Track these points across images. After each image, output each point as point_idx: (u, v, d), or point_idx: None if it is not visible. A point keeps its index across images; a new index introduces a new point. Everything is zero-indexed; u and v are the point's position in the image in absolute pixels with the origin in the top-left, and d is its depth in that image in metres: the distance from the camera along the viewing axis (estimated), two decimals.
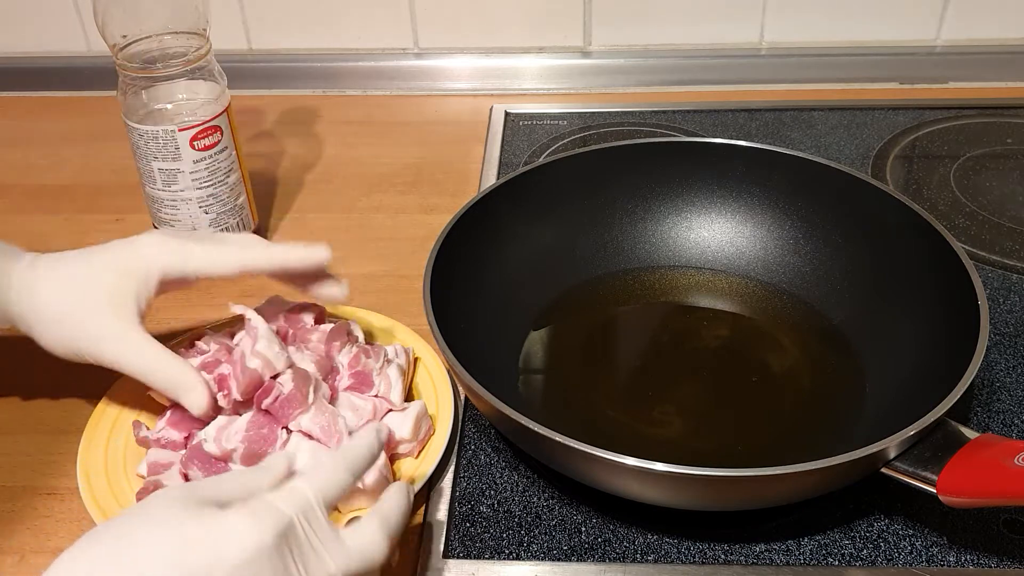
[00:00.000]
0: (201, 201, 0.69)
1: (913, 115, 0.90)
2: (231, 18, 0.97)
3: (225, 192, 0.69)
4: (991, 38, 0.96)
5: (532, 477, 0.55)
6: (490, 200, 0.64)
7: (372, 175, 0.85)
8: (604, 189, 0.69)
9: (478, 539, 0.51)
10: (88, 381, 0.62)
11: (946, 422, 0.48)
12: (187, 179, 0.67)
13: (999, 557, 0.49)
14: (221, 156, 0.68)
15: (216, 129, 0.67)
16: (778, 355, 0.62)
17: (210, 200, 0.69)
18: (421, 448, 0.55)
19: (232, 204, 0.70)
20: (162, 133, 0.65)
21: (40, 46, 1.01)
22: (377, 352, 0.57)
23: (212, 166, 0.68)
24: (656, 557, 0.50)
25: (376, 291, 0.70)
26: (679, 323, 0.66)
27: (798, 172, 0.67)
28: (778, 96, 0.95)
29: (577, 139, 0.89)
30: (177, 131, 0.65)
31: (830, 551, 0.50)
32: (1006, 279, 0.69)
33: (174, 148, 0.66)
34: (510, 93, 0.98)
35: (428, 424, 0.56)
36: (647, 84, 0.98)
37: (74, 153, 0.90)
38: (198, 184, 0.68)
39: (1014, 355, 0.62)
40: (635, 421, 0.58)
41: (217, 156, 0.68)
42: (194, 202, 0.68)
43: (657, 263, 0.69)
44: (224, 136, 0.68)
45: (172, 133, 0.65)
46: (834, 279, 0.65)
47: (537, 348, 0.63)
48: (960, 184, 0.81)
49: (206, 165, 0.67)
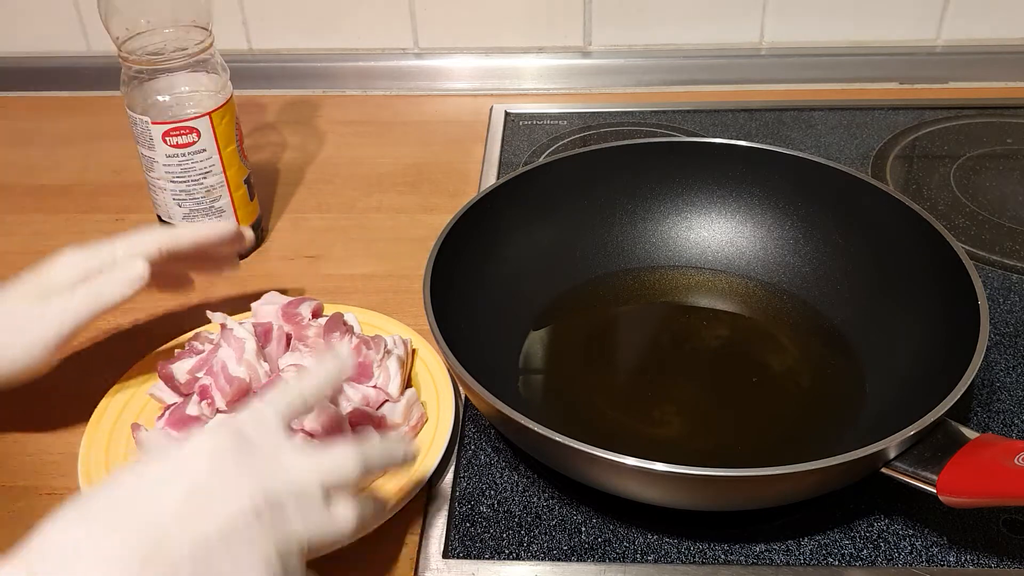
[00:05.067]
0: (174, 194, 0.70)
1: (913, 115, 0.90)
2: (231, 18, 0.97)
3: (200, 192, 0.70)
4: (991, 38, 0.96)
5: (532, 477, 0.55)
6: (490, 200, 0.64)
7: (372, 175, 0.85)
8: (604, 189, 0.69)
9: (478, 539, 0.51)
10: (89, 381, 0.62)
11: (946, 422, 0.48)
12: (161, 170, 0.69)
13: (999, 557, 0.49)
14: (197, 157, 0.68)
15: (192, 130, 0.67)
16: (778, 355, 0.62)
17: (183, 196, 0.70)
18: (414, 435, 0.56)
19: (207, 205, 0.71)
20: (139, 121, 0.67)
21: (40, 46, 1.01)
22: (377, 343, 0.57)
23: (185, 164, 0.68)
24: (656, 557, 0.50)
25: (376, 291, 0.70)
26: (679, 323, 0.66)
27: (798, 172, 0.67)
28: (778, 96, 0.95)
29: (577, 139, 0.89)
30: (151, 123, 0.67)
31: (830, 551, 0.50)
32: (1006, 279, 0.69)
33: (149, 138, 0.67)
34: (510, 93, 0.98)
35: (421, 411, 0.56)
36: (647, 84, 0.98)
37: (74, 153, 0.90)
38: (171, 178, 0.69)
39: (1014, 355, 0.62)
40: (635, 421, 0.58)
41: (192, 156, 0.68)
42: (168, 192, 0.70)
43: (657, 263, 0.69)
44: (202, 139, 0.68)
45: (147, 124, 0.67)
46: (834, 279, 0.65)
47: (537, 348, 0.63)
48: (960, 184, 0.81)
49: (179, 162, 0.68)
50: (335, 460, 0.43)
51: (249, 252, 0.75)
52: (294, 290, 0.71)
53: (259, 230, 0.76)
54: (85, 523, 0.38)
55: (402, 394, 0.56)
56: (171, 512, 0.39)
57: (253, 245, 0.75)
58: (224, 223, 0.64)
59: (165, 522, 0.38)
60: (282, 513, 0.41)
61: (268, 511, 0.40)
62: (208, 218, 0.71)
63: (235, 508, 0.39)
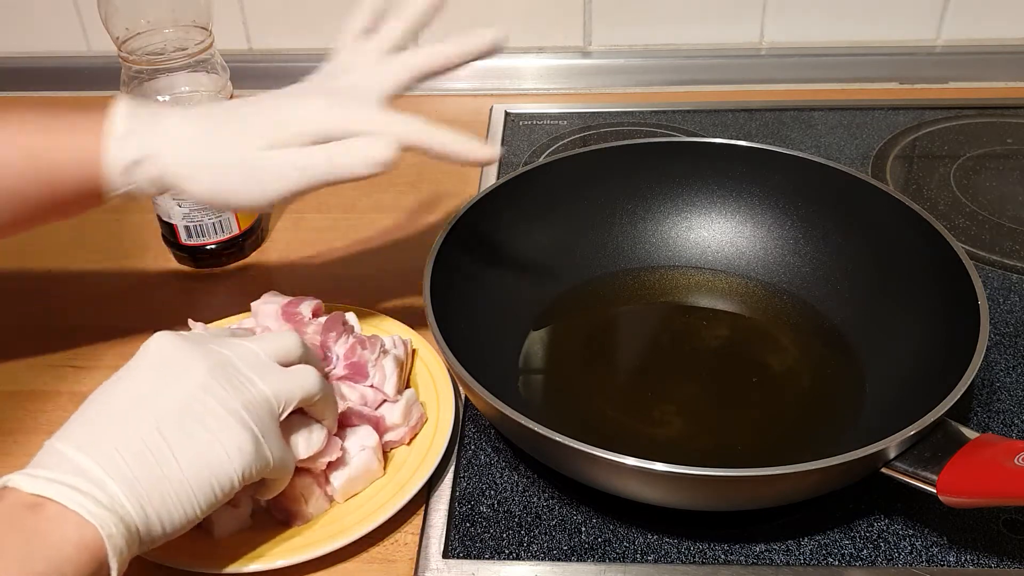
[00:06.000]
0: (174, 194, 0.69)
1: (913, 115, 0.90)
2: (231, 18, 0.97)
3: None
4: (991, 38, 0.96)
5: (532, 477, 0.55)
6: (490, 200, 0.64)
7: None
8: (604, 189, 0.69)
9: (478, 539, 0.51)
10: (89, 381, 0.62)
11: (946, 422, 0.48)
12: None
13: (999, 557, 0.49)
14: None
15: None
16: (778, 355, 0.62)
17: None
18: (412, 436, 0.56)
19: None
20: None
21: (40, 46, 1.01)
22: (373, 343, 0.57)
23: None
24: (656, 557, 0.50)
25: (376, 291, 0.70)
26: (679, 323, 0.66)
27: (798, 172, 0.67)
28: (778, 96, 0.95)
29: (577, 139, 0.89)
30: None
31: (830, 551, 0.50)
32: (1006, 279, 0.69)
33: None
34: (510, 93, 0.98)
35: (420, 412, 0.56)
36: (647, 84, 0.98)
37: None
38: None
39: (1014, 355, 0.62)
40: (635, 421, 0.58)
41: None
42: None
43: (657, 263, 0.69)
44: None
45: None
46: (834, 279, 0.65)
47: (537, 348, 0.63)
48: (960, 184, 0.81)
49: None
50: (278, 338, 0.49)
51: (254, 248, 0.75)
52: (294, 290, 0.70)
53: (259, 230, 0.76)
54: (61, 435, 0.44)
55: (401, 394, 0.56)
56: (128, 397, 0.44)
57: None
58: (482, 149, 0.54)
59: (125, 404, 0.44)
60: (236, 371, 0.46)
61: (220, 369, 0.45)
62: (208, 218, 0.71)
63: (191, 377, 0.44)
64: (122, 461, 0.42)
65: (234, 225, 0.73)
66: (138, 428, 0.43)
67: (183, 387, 0.44)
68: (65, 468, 0.41)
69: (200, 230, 0.71)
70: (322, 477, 0.52)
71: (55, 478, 0.41)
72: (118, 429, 0.43)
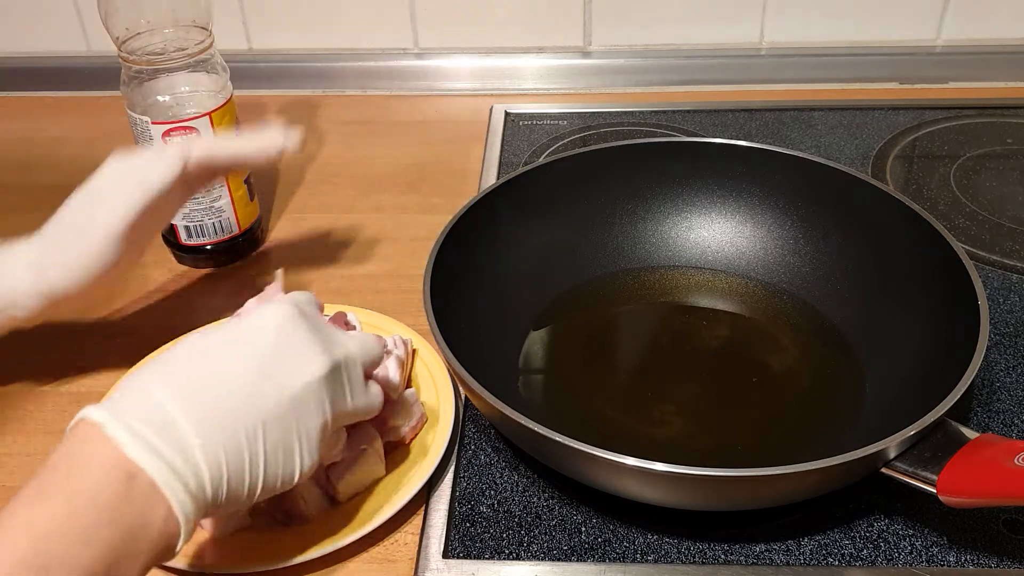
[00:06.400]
0: None
1: (913, 115, 0.90)
2: (231, 18, 0.97)
3: (199, 192, 0.69)
4: (991, 38, 0.96)
5: (532, 477, 0.55)
6: (490, 200, 0.64)
7: (372, 175, 0.85)
8: (604, 189, 0.69)
9: (478, 539, 0.51)
10: (88, 381, 0.62)
11: (946, 422, 0.48)
12: None
13: (999, 557, 0.49)
14: None
15: (192, 131, 0.67)
16: (778, 355, 0.62)
17: None
18: (413, 436, 0.56)
19: (207, 205, 0.70)
20: (139, 121, 0.67)
21: (40, 46, 1.01)
22: None
23: None
24: (656, 557, 0.50)
25: (376, 291, 0.70)
26: (679, 323, 0.66)
27: (798, 172, 0.67)
28: (778, 96, 0.95)
29: (577, 139, 0.89)
30: (151, 123, 0.66)
31: (830, 551, 0.50)
32: (1006, 279, 0.69)
33: (149, 138, 0.67)
34: (510, 93, 0.98)
35: (420, 412, 0.56)
36: (647, 84, 0.98)
37: (74, 153, 0.90)
38: None
39: (1014, 355, 0.62)
40: (635, 421, 0.58)
41: None
42: None
43: (657, 263, 0.69)
44: None
45: (147, 124, 0.67)
46: (834, 279, 0.65)
47: (537, 348, 0.63)
48: (960, 184, 0.81)
49: None
50: (368, 341, 0.49)
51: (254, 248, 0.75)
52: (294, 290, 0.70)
53: (259, 230, 0.76)
54: (167, 387, 0.41)
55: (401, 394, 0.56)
56: (247, 380, 0.42)
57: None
58: (267, 138, 0.59)
59: (243, 389, 0.42)
60: (340, 385, 0.45)
61: (332, 378, 0.44)
62: (207, 218, 0.71)
63: (308, 374, 0.43)
64: (223, 454, 0.41)
65: (234, 225, 0.73)
66: (247, 420, 0.41)
67: (297, 384, 0.43)
68: (170, 436, 0.40)
69: (200, 230, 0.71)
70: (322, 477, 0.52)
71: (156, 446, 0.39)
72: (231, 411, 0.41)
